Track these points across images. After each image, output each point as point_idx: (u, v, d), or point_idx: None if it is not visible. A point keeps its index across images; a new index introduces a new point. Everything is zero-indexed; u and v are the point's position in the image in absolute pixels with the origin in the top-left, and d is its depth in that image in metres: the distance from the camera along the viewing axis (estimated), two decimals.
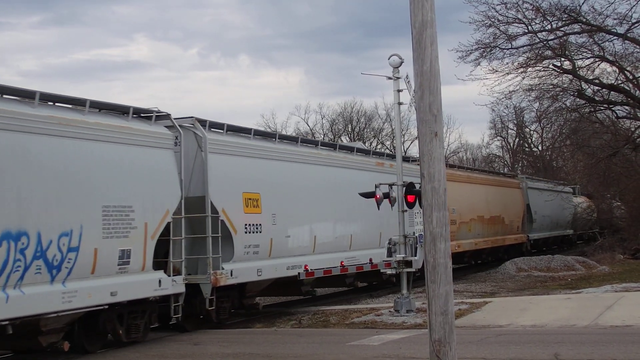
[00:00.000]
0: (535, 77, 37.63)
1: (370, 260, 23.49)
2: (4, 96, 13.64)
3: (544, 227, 46.65)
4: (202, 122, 18.47)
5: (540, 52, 36.39)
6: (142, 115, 16.69)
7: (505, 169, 75.15)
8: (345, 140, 70.45)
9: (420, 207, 11.20)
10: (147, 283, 15.77)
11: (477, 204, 36.36)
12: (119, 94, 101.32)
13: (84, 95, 15.05)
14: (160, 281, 16.09)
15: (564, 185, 53.70)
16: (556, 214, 48.62)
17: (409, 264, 19.65)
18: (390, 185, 20.04)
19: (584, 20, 34.98)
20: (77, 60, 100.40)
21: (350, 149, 26.19)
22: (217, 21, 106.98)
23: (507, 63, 36.14)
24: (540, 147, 76.65)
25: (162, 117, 17.03)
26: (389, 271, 20.10)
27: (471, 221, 35.19)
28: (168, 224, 16.45)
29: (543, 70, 37.56)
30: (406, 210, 19.94)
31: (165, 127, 17.08)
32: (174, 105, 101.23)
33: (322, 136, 70.49)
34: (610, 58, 36.54)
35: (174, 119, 17.55)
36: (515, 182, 44.66)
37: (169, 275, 16.39)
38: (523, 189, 44.17)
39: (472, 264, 38.74)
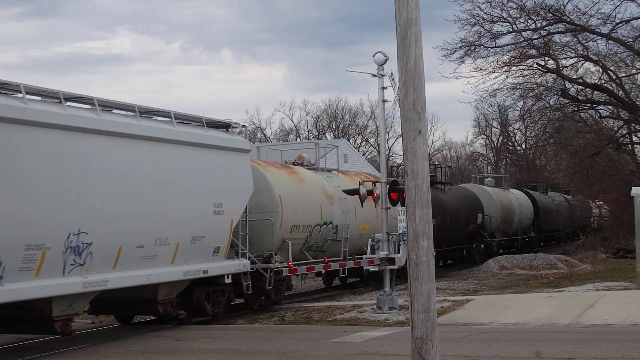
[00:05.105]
0: (519, 76, 37.80)
1: (354, 257, 23.97)
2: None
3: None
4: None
5: (524, 51, 36.54)
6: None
7: None
8: (329, 137, 70.44)
9: (403, 205, 11.23)
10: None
11: None
12: (101, 88, 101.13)
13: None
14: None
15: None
16: None
17: (392, 261, 19.69)
18: (374, 182, 20.06)
19: (568, 19, 35.17)
20: (58, 53, 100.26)
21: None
22: (200, 14, 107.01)
23: (492, 61, 36.31)
24: (523, 146, 77.03)
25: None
26: (371, 268, 20.15)
27: None
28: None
29: (527, 69, 37.73)
30: (389, 208, 19.96)
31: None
32: (158, 99, 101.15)
33: (307, 133, 70.48)
34: (594, 57, 36.74)
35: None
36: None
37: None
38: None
39: None
